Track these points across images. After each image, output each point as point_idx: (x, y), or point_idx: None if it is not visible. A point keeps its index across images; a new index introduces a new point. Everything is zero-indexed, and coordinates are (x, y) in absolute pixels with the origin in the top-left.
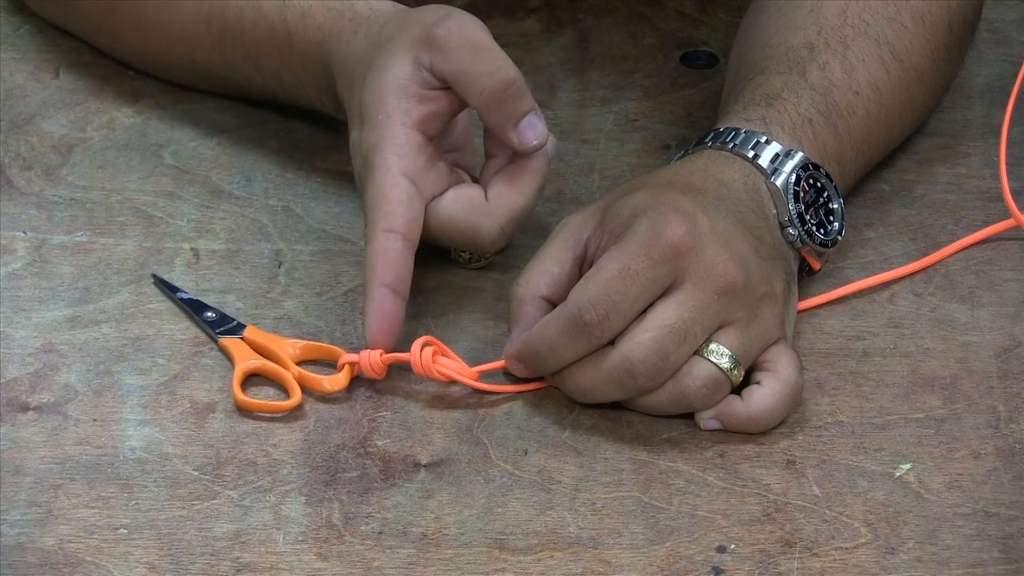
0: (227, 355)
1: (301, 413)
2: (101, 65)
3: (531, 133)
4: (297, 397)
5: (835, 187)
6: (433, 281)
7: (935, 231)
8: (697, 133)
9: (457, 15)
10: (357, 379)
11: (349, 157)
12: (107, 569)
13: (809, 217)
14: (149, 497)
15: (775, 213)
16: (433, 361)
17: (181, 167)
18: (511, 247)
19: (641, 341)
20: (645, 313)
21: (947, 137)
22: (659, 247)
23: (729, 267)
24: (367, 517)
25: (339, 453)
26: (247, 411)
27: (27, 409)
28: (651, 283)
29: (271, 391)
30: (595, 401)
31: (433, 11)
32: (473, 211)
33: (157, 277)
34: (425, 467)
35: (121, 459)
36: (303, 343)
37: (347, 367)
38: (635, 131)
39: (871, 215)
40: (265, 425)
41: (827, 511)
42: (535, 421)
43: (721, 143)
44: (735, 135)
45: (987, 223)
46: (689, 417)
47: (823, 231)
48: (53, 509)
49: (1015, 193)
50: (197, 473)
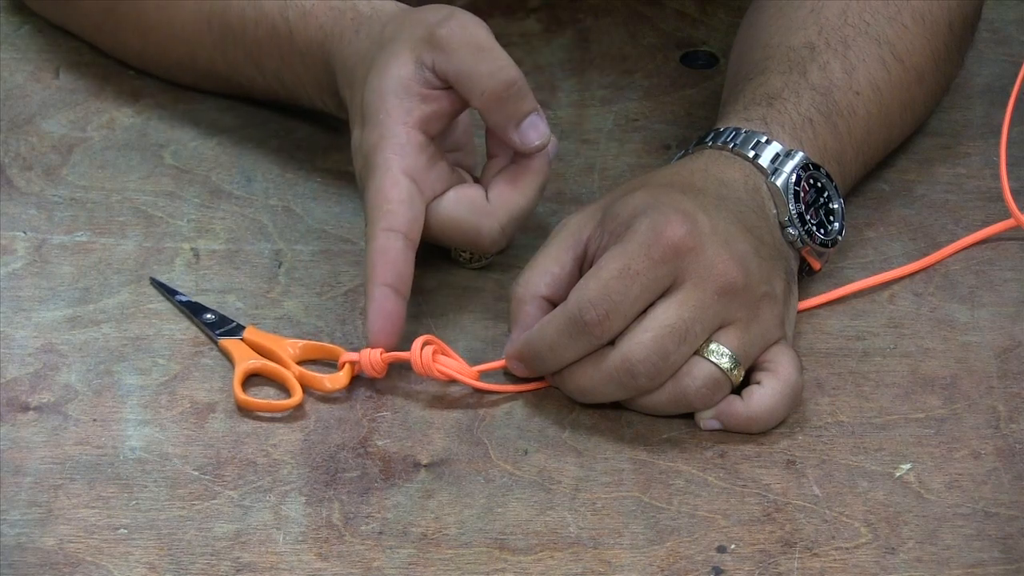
0: (227, 356)
1: (301, 413)
2: (101, 65)
3: (533, 133)
4: (298, 396)
5: (835, 187)
6: (433, 281)
7: (935, 231)
8: (697, 133)
9: (459, 15)
10: (357, 378)
11: (350, 157)
12: (107, 569)
13: (809, 217)
14: (149, 497)
15: (775, 213)
16: (433, 360)
17: (181, 167)
18: (511, 247)
19: (641, 341)
20: (645, 313)
21: (947, 137)
22: (659, 247)
23: (729, 267)
24: (367, 517)
25: (339, 453)
26: (248, 411)
27: (27, 409)
28: (651, 283)
29: (271, 391)
30: (595, 401)
31: (435, 11)
32: (475, 211)
33: (155, 280)
34: (425, 467)
35: (121, 459)
36: (303, 343)
37: (347, 366)
38: (635, 131)
39: (871, 215)
40: (265, 425)
41: (827, 511)
42: (535, 421)
43: (722, 143)
44: (735, 135)
45: (987, 223)
46: (689, 417)
47: (823, 231)
48: (53, 509)
49: (1015, 193)
50: (197, 473)
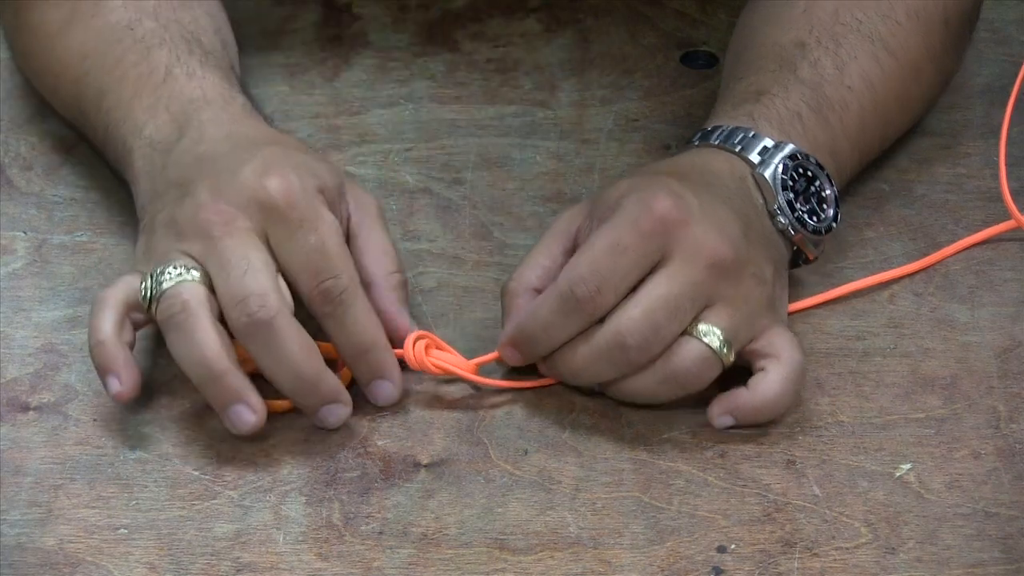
0: None
1: (301, 413)
2: None
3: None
4: None
5: (827, 175)
6: (433, 281)
7: (935, 231)
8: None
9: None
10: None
11: (349, 157)
12: (107, 569)
13: (799, 205)
14: (149, 497)
15: (763, 203)
16: (427, 354)
17: None
18: (509, 247)
19: (632, 315)
20: (635, 289)
21: (947, 137)
22: (648, 221)
23: (718, 243)
24: (367, 517)
25: (339, 453)
26: None
27: (27, 409)
28: (641, 258)
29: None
30: (587, 382)
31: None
32: None
33: None
34: (425, 467)
35: (121, 459)
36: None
37: (346, 368)
38: (635, 131)
39: (871, 215)
40: (265, 425)
41: (827, 511)
42: (535, 421)
43: (709, 142)
44: (722, 131)
45: (987, 223)
46: (689, 417)
47: (816, 218)
48: (53, 509)
49: (1015, 193)
50: (197, 473)
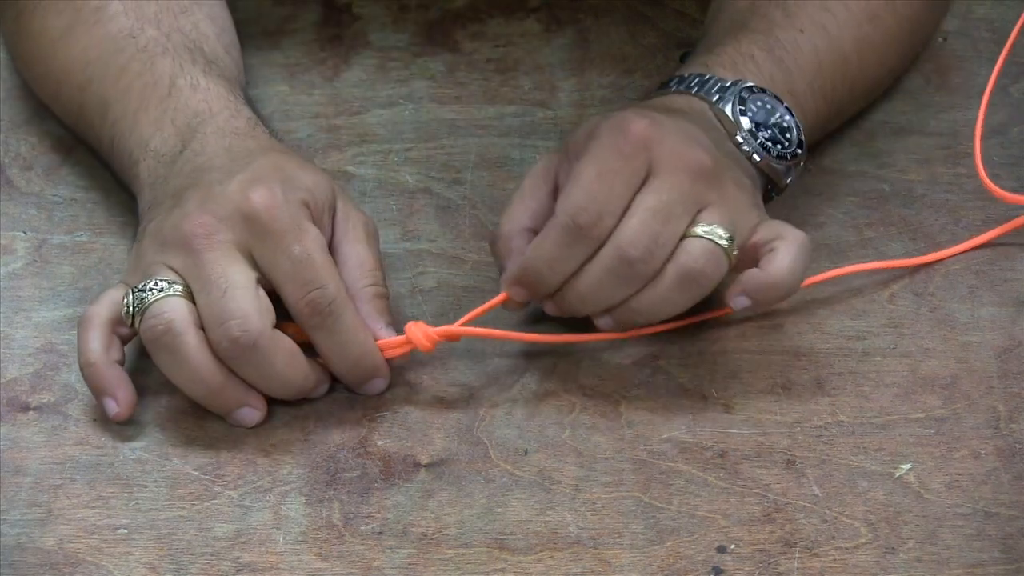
0: None
1: (301, 413)
2: None
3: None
4: None
5: (786, 107)
6: (433, 281)
7: (935, 231)
8: None
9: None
10: None
11: (349, 157)
12: (107, 569)
13: (761, 133)
14: (149, 497)
15: (726, 133)
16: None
17: None
18: None
19: (629, 227)
20: (628, 207)
21: (947, 137)
22: (627, 143)
23: (696, 152)
24: (367, 517)
25: (339, 453)
26: None
27: (27, 409)
28: (630, 177)
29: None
30: (599, 307)
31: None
32: None
33: None
34: (425, 467)
35: (121, 459)
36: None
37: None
38: None
39: (871, 215)
40: (265, 425)
41: (827, 511)
42: (535, 421)
43: (665, 89)
44: (677, 80)
45: (987, 223)
46: (689, 417)
47: (780, 146)
48: (53, 509)
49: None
50: (197, 473)
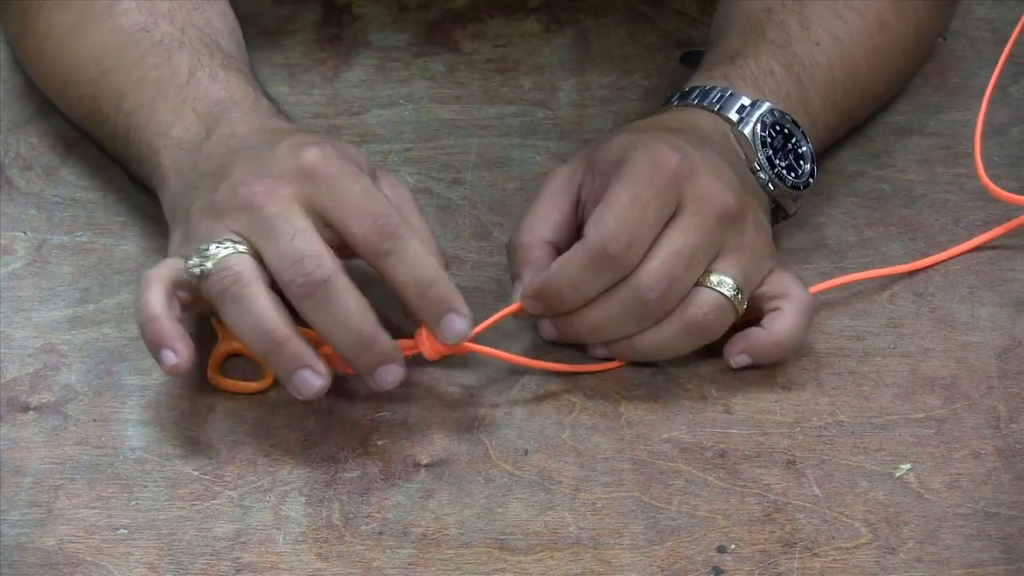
0: (216, 333)
1: (301, 413)
2: None
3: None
4: (269, 379)
5: (802, 132)
6: None
7: (935, 231)
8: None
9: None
10: (356, 377)
11: None
12: (107, 569)
13: (778, 161)
14: (149, 497)
15: (745, 158)
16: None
17: None
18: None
19: (650, 269)
20: (655, 241)
21: (947, 137)
22: (661, 175)
23: (724, 194)
24: (367, 517)
25: (339, 453)
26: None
27: (27, 409)
28: (661, 209)
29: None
30: (605, 338)
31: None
32: None
33: None
34: (425, 467)
35: (121, 459)
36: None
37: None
38: None
39: (871, 215)
40: (265, 425)
41: (827, 511)
42: (535, 421)
43: (688, 101)
44: (700, 92)
45: (987, 223)
46: (689, 417)
47: (794, 174)
48: (53, 509)
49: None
50: (197, 473)
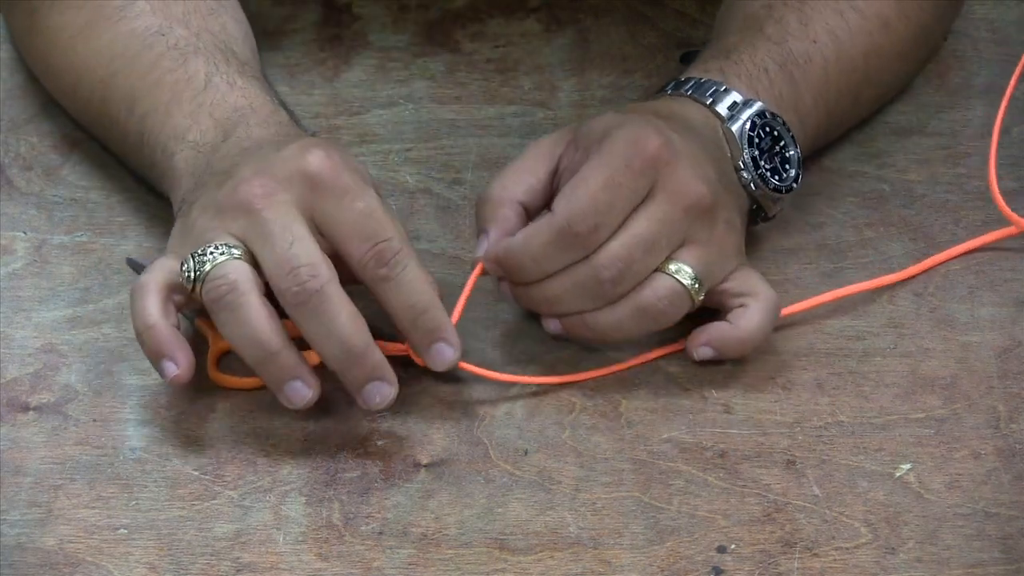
0: (202, 334)
1: (301, 413)
2: None
3: None
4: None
5: (792, 136)
6: None
7: (935, 231)
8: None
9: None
10: None
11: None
12: (107, 569)
13: (763, 163)
14: (149, 497)
15: (730, 156)
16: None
17: None
18: None
19: (611, 249)
20: (621, 223)
21: (947, 137)
22: (639, 159)
23: (699, 186)
24: (367, 517)
25: (339, 453)
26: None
27: (27, 409)
28: (632, 194)
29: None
30: (558, 312)
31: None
32: None
33: (132, 260)
34: (425, 467)
35: (121, 459)
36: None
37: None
38: None
39: (871, 215)
40: (265, 425)
41: (827, 511)
42: (535, 421)
43: (681, 91)
44: (694, 84)
45: (987, 223)
46: (689, 417)
47: (777, 177)
48: (53, 509)
49: (1015, 193)
50: (197, 473)
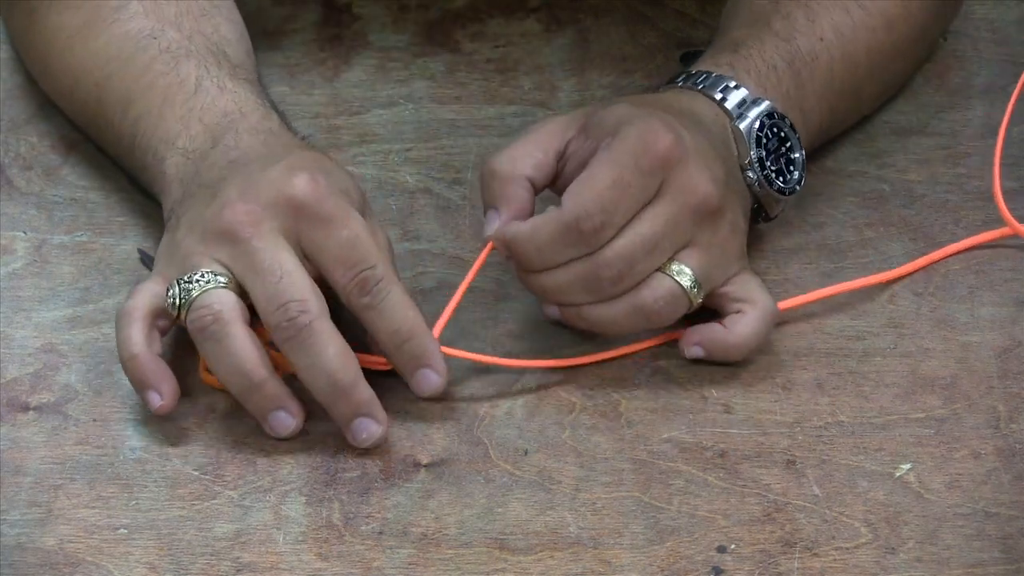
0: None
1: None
2: None
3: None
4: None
5: (798, 138)
6: (433, 281)
7: (935, 231)
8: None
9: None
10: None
11: (349, 157)
12: (107, 569)
13: (769, 163)
14: (149, 497)
15: (737, 154)
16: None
17: None
18: None
19: (614, 247)
20: (628, 221)
21: (947, 137)
22: (649, 158)
23: (708, 187)
24: (367, 517)
25: (339, 453)
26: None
27: (27, 409)
28: (641, 192)
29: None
30: (557, 301)
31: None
32: None
33: (143, 252)
34: (425, 467)
35: (121, 459)
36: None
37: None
38: None
39: (871, 215)
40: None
41: (827, 511)
42: (535, 421)
43: (692, 84)
44: (705, 77)
45: (987, 223)
46: (689, 417)
47: (782, 179)
48: (53, 509)
49: (1015, 193)
50: (197, 473)
